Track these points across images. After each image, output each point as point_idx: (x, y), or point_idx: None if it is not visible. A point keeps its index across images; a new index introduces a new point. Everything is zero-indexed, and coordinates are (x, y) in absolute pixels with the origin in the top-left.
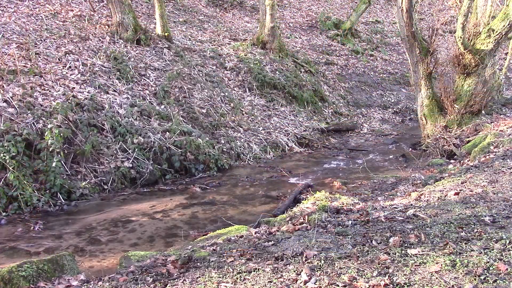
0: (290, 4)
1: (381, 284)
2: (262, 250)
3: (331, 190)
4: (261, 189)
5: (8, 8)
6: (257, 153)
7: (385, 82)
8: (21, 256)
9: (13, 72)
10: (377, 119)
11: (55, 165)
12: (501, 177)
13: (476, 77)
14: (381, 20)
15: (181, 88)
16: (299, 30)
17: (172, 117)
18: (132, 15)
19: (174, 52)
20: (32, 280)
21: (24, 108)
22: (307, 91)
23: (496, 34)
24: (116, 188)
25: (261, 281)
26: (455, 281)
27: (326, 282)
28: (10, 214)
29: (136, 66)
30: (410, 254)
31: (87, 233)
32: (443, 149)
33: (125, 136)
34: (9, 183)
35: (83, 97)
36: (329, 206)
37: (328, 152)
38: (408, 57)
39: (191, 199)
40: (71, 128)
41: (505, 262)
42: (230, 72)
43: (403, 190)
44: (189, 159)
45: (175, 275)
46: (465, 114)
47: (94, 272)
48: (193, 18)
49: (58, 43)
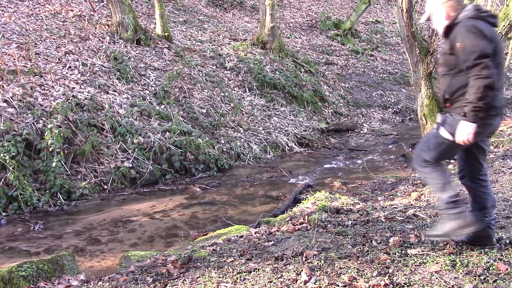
0: (290, 4)
1: (381, 284)
2: (262, 250)
3: (331, 190)
4: (261, 189)
5: (8, 8)
6: (257, 153)
7: (385, 82)
8: (21, 256)
9: (13, 72)
10: (377, 119)
11: (55, 165)
12: (501, 177)
13: None
14: (381, 20)
15: (181, 88)
16: (299, 30)
17: (172, 117)
18: (132, 15)
19: (174, 52)
20: (32, 280)
21: (24, 108)
22: (307, 91)
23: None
24: (116, 188)
25: (261, 281)
26: (455, 281)
27: (326, 282)
28: (10, 214)
29: (136, 66)
30: (410, 254)
31: (87, 233)
32: None
33: (125, 136)
34: (9, 183)
35: (83, 97)
36: (329, 206)
37: (328, 152)
38: (408, 57)
39: (191, 199)
40: (71, 128)
41: (505, 262)
42: (230, 72)
43: (403, 190)
44: (189, 159)
45: (175, 275)
46: None
47: (94, 272)
48: (193, 18)
49: (58, 43)
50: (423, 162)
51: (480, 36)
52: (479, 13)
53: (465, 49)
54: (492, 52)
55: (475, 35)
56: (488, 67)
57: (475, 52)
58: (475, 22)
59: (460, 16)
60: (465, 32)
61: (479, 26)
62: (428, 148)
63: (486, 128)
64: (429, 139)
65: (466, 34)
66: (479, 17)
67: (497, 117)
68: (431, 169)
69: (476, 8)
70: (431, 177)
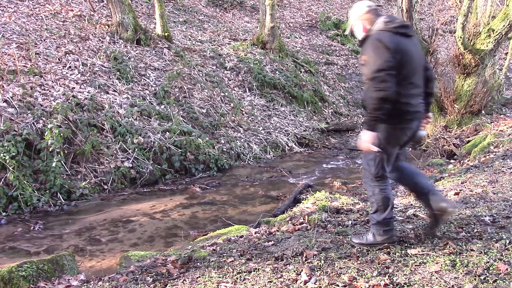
0: (290, 4)
1: (381, 284)
2: (262, 250)
3: (331, 190)
4: (261, 189)
5: (8, 8)
6: (257, 153)
7: None
8: (21, 256)
9: (13, 72)
10: None
11: (55, 165)
12: (501, 177)
13: (476, 77)
14: None
15: (181, 88)
16: (299, 30)
17: (172, 117)
18: (132, 15)
19: (174, 52)
20: (32, 280)
21: (24, 108)
22: (307, 91)
23: (496, 34)
24: (116, 188)
25: (261, 281)
26: (455, 281)
27: (326, 282)
28: (10, 214)
29: (136, 66)
30: (410, 254)
31: (87, 233)
32: (443, 149)
33: (125, 136)
34: (9, 183)
35: (83, 97)
36: (329, 206)
37: (328, 152)
38: None
39: (191, 199)
40: (71, 128)
41: (505, 262)
42: (230, 72)
43: (403, 190)
44: (189, 159)
45: (175, 275)
46: (465, 114)
47: (94, 272)
48: (193, 18)
49: (58, 43)
50: (371, 178)
51: (383, 50)
52: (387, 25)
53: (368, 62)
54: (394, 65)
55: (377, 48)
56: (384, 81)
57: (375, 66)
58: (380, 35)
59: (373, 28)
60: (370, 45)
61: (383, 39)
62: (368, 165)
63: (404, 131)
64: (365, 155)
65: (370, 47)
66: (387, 29)
67: (414, 121)
68: (381, 184)
69: (386, 20)
70: (379, 193)
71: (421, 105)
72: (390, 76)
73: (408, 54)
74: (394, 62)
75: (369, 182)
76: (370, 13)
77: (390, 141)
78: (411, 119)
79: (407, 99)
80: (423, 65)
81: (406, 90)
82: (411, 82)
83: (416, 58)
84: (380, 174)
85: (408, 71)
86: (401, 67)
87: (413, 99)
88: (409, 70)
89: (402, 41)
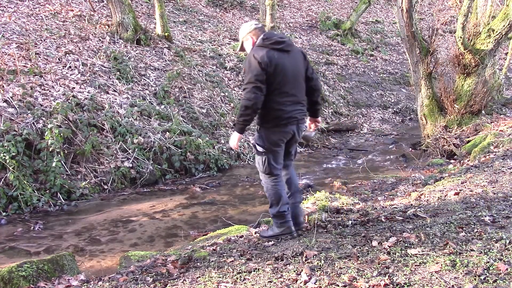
0: (290, 4)
1: (381, 284)
2: (262, 250)
3: (331, 190)
4: (261, 189)
5: (8, 8)
6: None
7: (385, 82)
8: (21, 256)
9: (13, 72)
10: (377, 119)
11: (55, 165)
12: (501, 177)
13: (476, 77)
14: (381, 20)
15: (181, 88)
16: (299, 30)
17: (172, 117)
18: (132, 15)
19: (174, 52)
20: (32, 280)
21: (24, 108)
22: None
23: (496, 34)
24: (116, 188)
25: (261, 281)
26: (455, 281)
27: (326, 282)
28: (10, 214)
29: (136, 66)
30: (410, 254)
31: (87, 233)
32: (443, 149)
33: (125, 136)
34: (9, 183)
35: (83, 97)
36: (329, 206)
37: (328, 152)
38: (408, 57)
39: (191, 199)
40: (71, 128)
41: (505, 262)
42: (230, 72)
43: (403, 190)
44: (189, 159)
45: (175, 275)
46: (465, 114)
47: (94, 272)
48: (193, 18)
49: (58, 43)
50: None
51: (255, 65)
52: (264, 42)
53: (245, 73)
54: (264, 78)
55: (251, 63)
56: (250, 92)
57: (246, 78)
58: (256, 51)
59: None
60: (248, 59)
61: (256, 55)
62: (258, 163)
63: (281, 134)
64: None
65: (247, 61)
66: (264, 46)
67: (289, 125)
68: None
69: (264, 37)
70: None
71: (297, 112)
72: (256, 89)
73: (282, 67)
74: (264, 75)
75: (262, 179)
76: (257, 29)
77: (270, 142)
78: (286, 124)
79: (279, 106)
80: (303, 76)
81: (279, 98)
82: (284, 92)
83: (291, 70)
84: (268, 171)
85: (281, 82)
86: (273, 78)
87: (287, 107)
88: (282, 81)
89: (276, 56)
